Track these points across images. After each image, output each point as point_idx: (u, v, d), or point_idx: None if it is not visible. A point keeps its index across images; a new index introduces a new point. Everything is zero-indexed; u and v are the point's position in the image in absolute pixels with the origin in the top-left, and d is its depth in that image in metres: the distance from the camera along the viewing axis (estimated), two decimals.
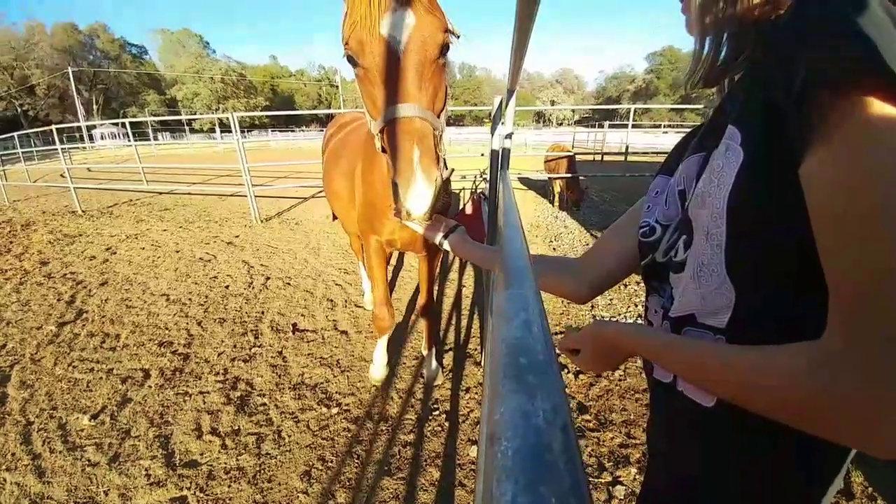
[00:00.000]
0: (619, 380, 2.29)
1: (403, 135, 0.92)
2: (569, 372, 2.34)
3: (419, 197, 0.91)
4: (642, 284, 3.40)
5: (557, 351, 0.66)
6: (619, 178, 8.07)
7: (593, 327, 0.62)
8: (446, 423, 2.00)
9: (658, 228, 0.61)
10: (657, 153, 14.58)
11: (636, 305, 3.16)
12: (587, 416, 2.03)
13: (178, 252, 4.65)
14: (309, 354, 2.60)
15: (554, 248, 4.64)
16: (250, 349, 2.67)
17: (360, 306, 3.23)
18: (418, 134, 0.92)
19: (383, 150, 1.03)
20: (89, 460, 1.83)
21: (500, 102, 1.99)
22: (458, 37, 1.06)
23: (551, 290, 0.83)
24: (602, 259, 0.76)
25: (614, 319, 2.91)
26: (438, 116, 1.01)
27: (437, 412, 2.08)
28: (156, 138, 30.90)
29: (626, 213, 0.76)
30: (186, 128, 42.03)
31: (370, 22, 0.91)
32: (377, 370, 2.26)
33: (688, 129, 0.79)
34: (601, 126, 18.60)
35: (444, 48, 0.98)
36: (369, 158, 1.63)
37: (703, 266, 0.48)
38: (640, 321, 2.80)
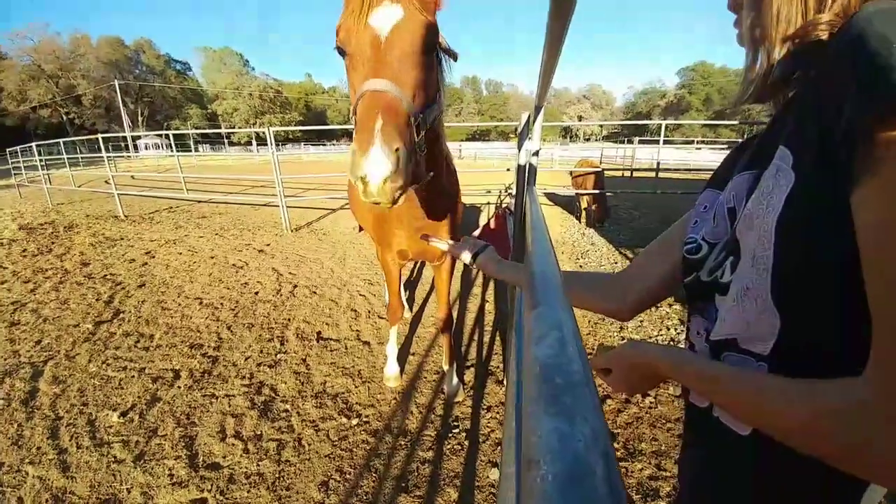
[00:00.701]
0: (650, 407, 2.19)
1: (371, 104, 0.91)
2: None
3: (374, 163, 0.85)
4: (675, 307, 3.28)
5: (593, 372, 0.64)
6: (650, 194, 7.87)
7: (629, 348, 0.60)
8: (466, 442, 1.96)
9: (704, 246, 0.59)
10: (690, 170, 14.13)
11: (668, 329, 3.03)
12: (615, 445, 1.94)
13: (212, 258, 4.85)
14: (332, 363, 2.63)
15: (581, 266, 4.54)
16: (276, 355, 2.72)
17: (383, 318, 3.25)
18: (385, 105, 0.91)
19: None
20: (115, 457, 1.89)
21: (528, 118, 2.00)
22: (455, 58, 1.11)
23: (589, 307, 0.81)
24: (644, 275, 0.73)
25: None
26: (419, 110, 1.02)
27: (456, 430, 2.05)
28: (196, 150, 32.70)
29: (671, 228, 0.73)
30: (225, 140, 44.40)
31: (360, 13, 0.97)
32: (390, 367, 2.36)
33: (723, 145, 0.77)
34: (630, 142, 18.29)
35: (430, 46, 1.03)
36: None
37: (747, 290, 0.47)
38: (672, 344, 2.68)
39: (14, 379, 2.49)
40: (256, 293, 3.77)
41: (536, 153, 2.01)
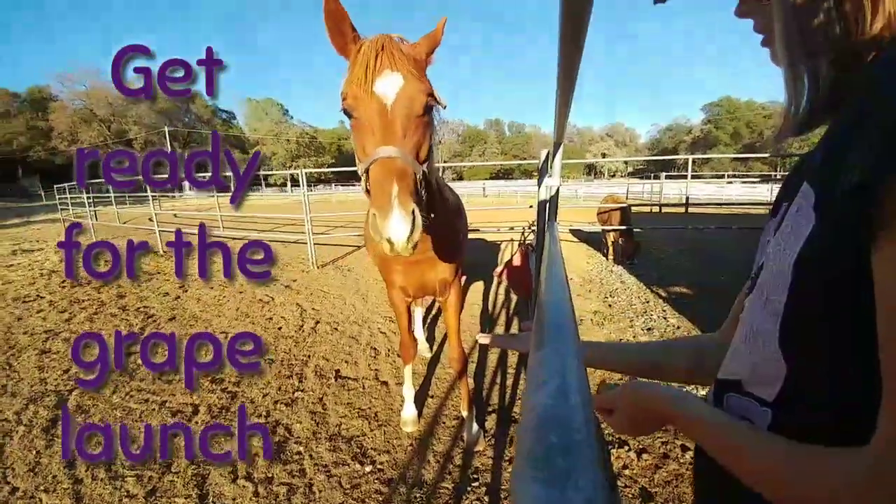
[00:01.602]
0: (691, 463, 1.97)
1: (384, 172, 1.03)
2: (629, 450, 2.06)
3: (396, 227, 0.99)
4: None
5: (603, 424, 0.58)
6: (681, 230, 7.61)
7: (631, 388, 0.57)
8: (486, 498, 1.81)
9: (749, 281, 0.56)
10: (721, 204, 13.66)
11: None
12: None
13: (241, 293, 4.99)
14: (348, 404, 2.56)
15: (609, 305, 4.35)
16: (293, 393, 2.69)
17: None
18: (398, 172, 1.04)
19: (367, 192, 1.14)
20: (128, 491, 1.88)
21: (547, 155, 2.00)
22: (444, 107, 1.20)
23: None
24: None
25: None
26: (422, 164, 1.15)
27: (476, 483, 1.90)
28: None
29: None
30: (262, 182, 47.25)
31: (365, 81, 1.08)
32: (407, 410, 2.29)
33: (755, 179, 0.72)
34: (657, 177, 18.06)
35: (428, 108, 1.14)
36: None
37: (756, 332, 0.45)
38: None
39: (38, 406, 2.56)
40: (279, 328, 3.80)
41: (557, 189, 2.00)
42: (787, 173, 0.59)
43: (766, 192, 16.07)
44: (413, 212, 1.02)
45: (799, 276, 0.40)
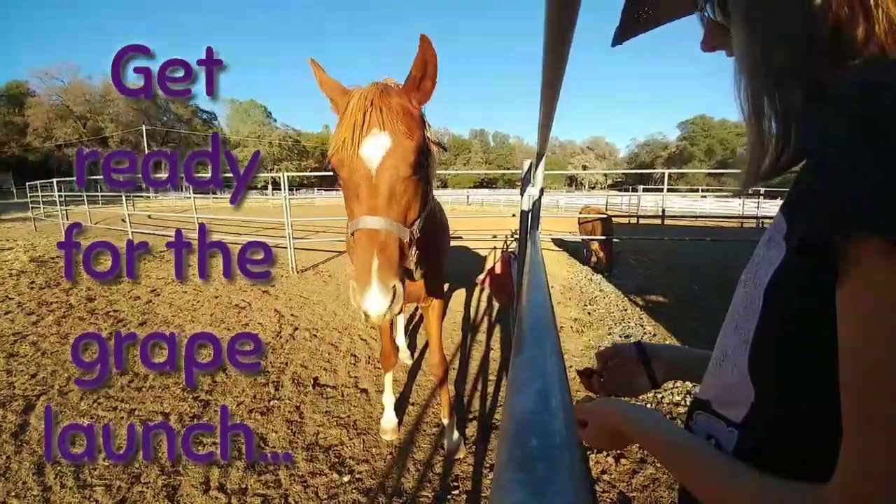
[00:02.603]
0: None
1: (366, 243, 1.01)
2: (608, 455, 2.09)
3: (373, 302, 0.98)
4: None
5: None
6: (658, 241, 7.85)
7: (599, 404, 0.58)
8: None
9: None
10: (696, 216, 14.17)
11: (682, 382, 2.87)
12: None
13: (216, 298, 4.84)
14: (326, 412, 2.51)
15: (589, 313, 4.43)
16: (269, 401, 2.61)
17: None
18: (380, 244, 1.01)
19: (349, 250, 1.13)
20: (97, 501, 1.80)
21: (530, 165, 2.04)
22: (446, 150, 1.17)
23: None
24: None
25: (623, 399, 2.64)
26: (411, 225, 1.12)
27: (456, 491, 1.89)
28: (214, 192, 33.95)
29: None
30: None
31: (351, 144, 1.03)
32: (387, 418, 2.26)
33: (728, 194, 0.74)
34: (634, 190, 18.59)
35: (419, 164, 1.08)
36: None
37: (726, 356, 0.46)
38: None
39: (6, 411, 2.44)
40: (256, 335, 3.70)
41: (540, 198, 2.03)
42: (758, 189, 0.60)
43: (738, 207, 16.74)
44: (394, 287, 1.00)
45: (768, 305, 0.40)
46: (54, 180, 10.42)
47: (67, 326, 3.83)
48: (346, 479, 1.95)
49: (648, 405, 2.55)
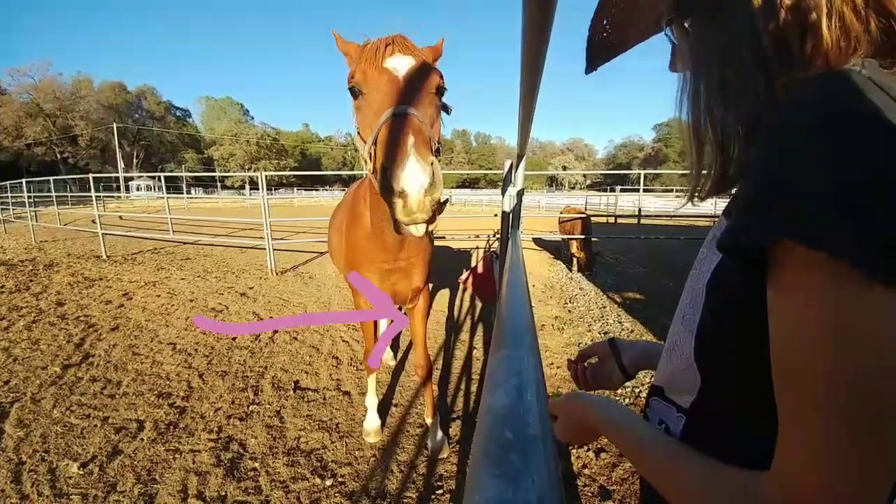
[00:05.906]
0: None
1: (400, 125, 0.95)
2: (588, 449, 2.14)
3: (413, 173, 0.87)
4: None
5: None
6: (634, 240, 8.06)
7: (567, 397, 0.59)
8: None
9: None
10: (671, 216, 14.62)
11: None
12: None
13: (192, 301, 4.69)
14: (308, 416, 2.47)
15: (569, 311, 4.51)
16: (248, 406, 2.55)
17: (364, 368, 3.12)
18: (415, 126, 0.95)
19: (373, 171, 1.04)
20: None
21: (511, 165, 2.07)
22: (449, 112, 1.22)
23: None
24: None
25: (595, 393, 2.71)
26: (434, 151, 1.06)
27: (440, 490, 1.89)
28: (189, 193, 32.89)
29: None
30: (219, 184, 44.86)
31: (376, 60, 1.06)
32: (370, 420, 2.23)
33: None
34: (613, 190, 19.02)
35: (439, 88, 1.12)
36: (352, 212, 1.78)
37: (675, 345, 0.49)
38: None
39: None
40: (234, 339, 3.61)
41: (521, 194, 2.06)
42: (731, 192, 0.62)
43: (711, 207, 17.35)
44: (433, 164, 0.91)
45: (710, 298, 0.43)
46: (23, 181, 9.91)
47: (38, 332, 3.65)
48: (328, 483, 1.93)
49: (626, 399, 2.62)
